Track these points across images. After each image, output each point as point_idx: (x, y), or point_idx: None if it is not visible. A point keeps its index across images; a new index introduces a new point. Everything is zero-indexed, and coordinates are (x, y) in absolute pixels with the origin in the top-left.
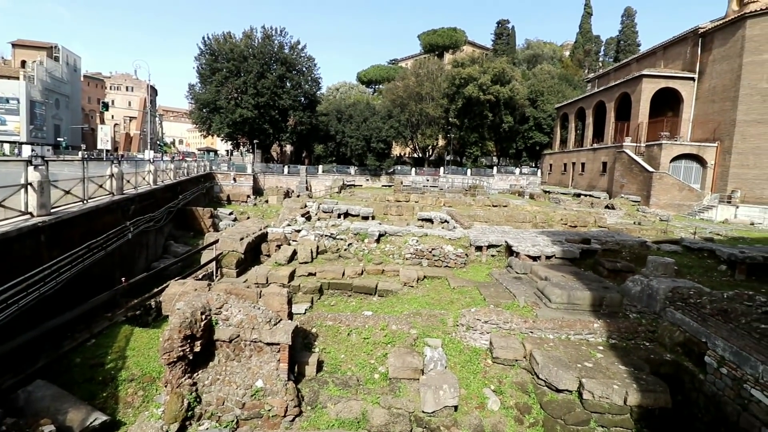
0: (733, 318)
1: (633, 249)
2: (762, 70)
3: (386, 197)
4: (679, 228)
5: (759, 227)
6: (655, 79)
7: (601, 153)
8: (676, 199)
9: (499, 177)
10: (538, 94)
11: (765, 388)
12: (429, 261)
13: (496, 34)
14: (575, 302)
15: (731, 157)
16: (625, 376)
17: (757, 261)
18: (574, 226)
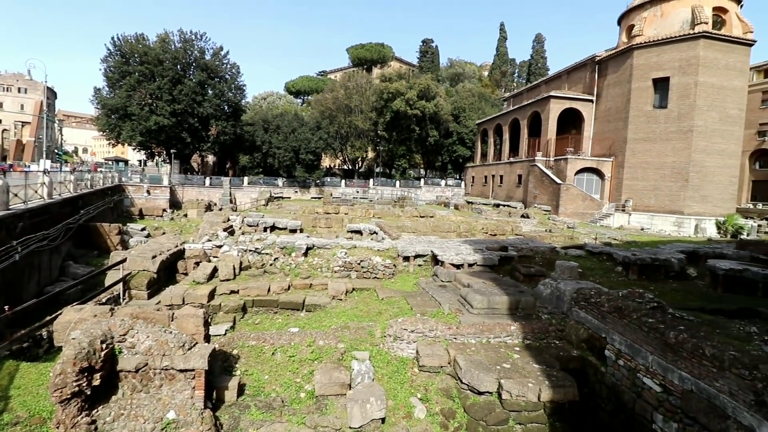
0: (626, 314)
1: (545, 254)
2: (646, 95)
3: (315, 209)
4: (583, 234)
5: (647, 232)
6: (561, 100)
7: (516, 166)
8: (580, 208)
9: (426, 188)
10: (460, 110)
11: (654, 376)
12: (358, 273)
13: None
14: (495, 307)
15: (624, 170)
16: (538, 374)
17: (646, 262)
18: (494, 235)
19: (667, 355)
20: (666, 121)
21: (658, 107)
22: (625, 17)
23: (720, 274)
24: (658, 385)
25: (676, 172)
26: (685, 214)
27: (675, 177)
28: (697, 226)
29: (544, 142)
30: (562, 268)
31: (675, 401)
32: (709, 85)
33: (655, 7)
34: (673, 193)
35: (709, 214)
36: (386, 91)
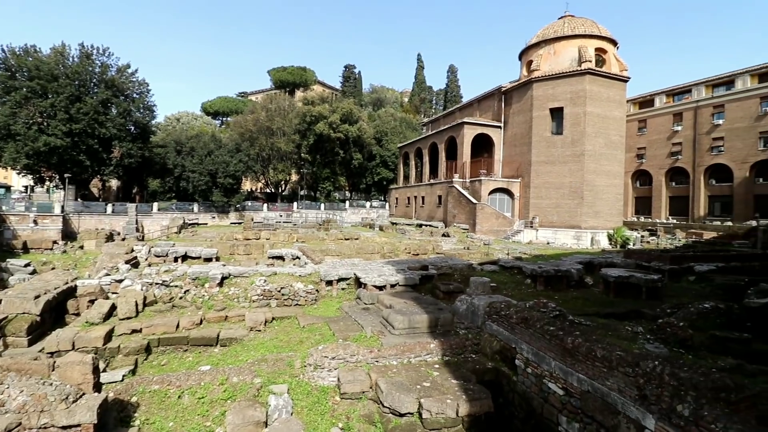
0: (531, 324)
1: (463, 271)
2: (545, 123)
3: (234, 236)
4: (497, 250)
5: (552, 245)
6: (474, 126)
7: (436, 187)
8: (494, 225)
9: (351, 211)
10: (383, 134)
11: (557, 380)
12: (278, 301)
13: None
14: (415, 326)
15: (530, 190)
16: (456, 389)
17: (551, 274)
18: (417, 254)
19: (567, 360)
20: (563, 146)
21: (555, 134)
22: (525, 53)
23: (611, 281)
24: (561, 389)
25: (573, 191)
26: (583, 228)
27: (572, 195)
28: (593, 239)
29: (461, 164)
30: (476, 284)
31: (575, 402)
32: (595, 114)
33: (549, 46)
34: (572, 210)
35: (602, 228)
36: (309, 114)
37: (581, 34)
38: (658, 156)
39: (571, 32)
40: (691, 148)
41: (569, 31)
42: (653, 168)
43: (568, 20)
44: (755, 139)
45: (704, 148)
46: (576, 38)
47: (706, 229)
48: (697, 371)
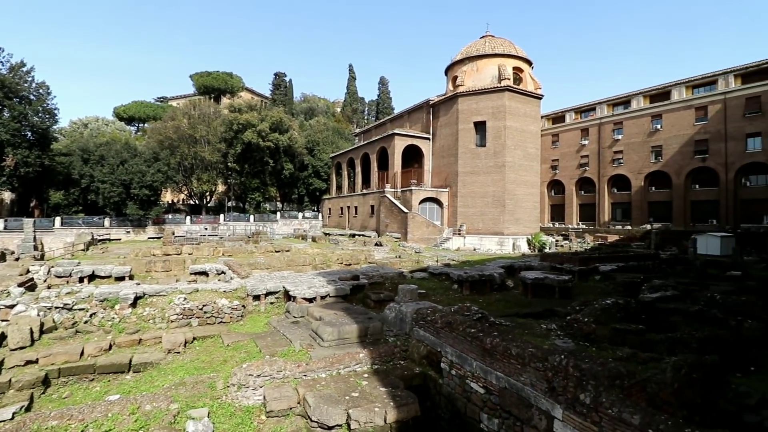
0: (455, 327)
1: (394, 280)
2: (470, 135)
3: (152, 251)
4: (428, 257)
5: (479, 251)
6: (404, 138)
7: (369, 197)
8: (425, 234)
9: (283, 222)
10: (315, 143)
11: (478, 380)
12: (200, 319)
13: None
14: (345, 337)
15: (458, 199)
16: (384, 397)
17: (475, 278)
18: (349, 264)
19: (486, 359)
20: (486, 157)
21: (479, 146)
22: (451, 69)
23: (529, 283)
24: (482, 387)
25: (496, 200)
26: (505, 235)
27: (495, 204)
28: (514, 244)
29: (392, 174)
30: (404, 292)
31: (495, 399)
32: (514, 128)
33: (472, 63)
34: (495, 217)
35: (522, 234)
36: (236, 121)
37: (500, 53)
38: (569, 167)
39: (492, 51)
40: (596, 160)
41: (490, 50)
42: (565, 178)
43: (488, 40)
44: (648, 153)
45: (607, 160)
46: (496, 57)
47: (610, 233)
48: (597, 362)
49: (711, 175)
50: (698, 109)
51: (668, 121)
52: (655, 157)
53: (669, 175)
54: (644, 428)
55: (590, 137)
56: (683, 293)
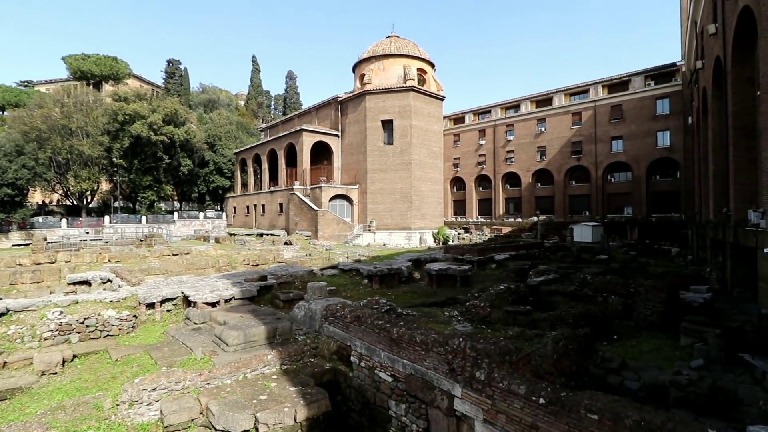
0: (363, 321)
1: (304, 278)
2: (378, 133)
3: (18, 260)
4: (339, 254)
5: (388, 246)
6: (312, 134)
7: (277, 195)
8: (336, 231)
9: (181, 223)
10: (216, 138)
11: (386, 369)
12: (82, 334)
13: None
14: (252, 339)
15: (367, 196)
16: (294, 396)
17: (384, 273)
18: (257, 265)
19: (393, 349)
20: (393, 155)
21: (387, 143)
22: (358, 66)
23: (433, 274)
24: (390, 376)
25: (403, 196)
26: (412, 229)
27: (403, 200)
28: (421, 238)
29: (301, 171)
30: (313, 289)
31: (402, 386)
32: (419, 127)
33: (379, 62)
34: (403, 213)
35: (428, 228)
36: (122, 112)
37: (405, 54)
38: (469, 165)
39: (397, 51)
40: (492, 158)
41: (395, 50)
42: (466, 175)
43: (394, 40)
44: (535, 152)
45: (501, 159)
46: (401, 57)
47: (505, 225)
48: (490, 342)
49: (584, 172)
50: (574, 114)
51: (551, 125)
52: (541, 157)
53: (551, 173)
54: (529, 396)
55: (487, 137)
56: (562, 276)
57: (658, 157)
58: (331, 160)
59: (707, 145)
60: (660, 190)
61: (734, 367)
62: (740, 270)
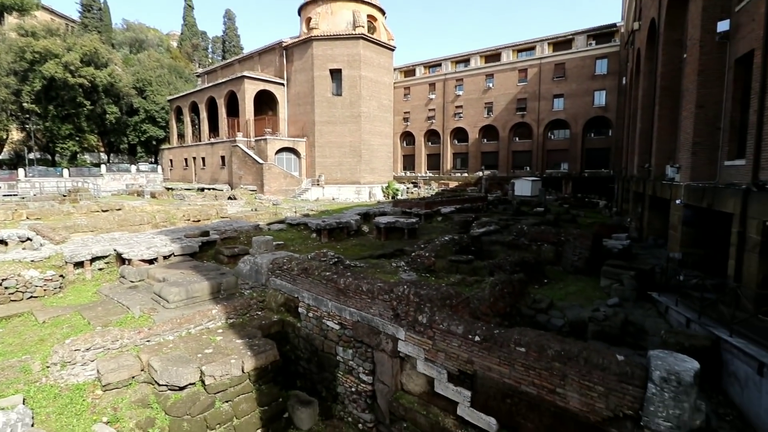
0: (311, 273)
1: (249, 233)
2: (326, 83)
3: None
4: (286, 209)
5: (337, 201)
6: (255, 81)
7: (218, 147)
8: (283, 185)
9: (111, 176)
10: (146, 83)
11: (334, 318)
12: (1, 297)
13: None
14: (194, 295)
15: (315, 149)
16: (241, 348)
17: (333, 226)
18: (198, 221)
19: (341, 298)
20: (342, 107)
21: (336, 94)
22: (304, 9)
23: (382, 227)
24: (337, 324)
25: (352, 150)
26: (362, 184)
27: (352, 154)
28: (370, 192)
29: (244, 122)
30: (258, 243)
31: (349, 333)
32: (369, 78)
33: (327, 5)
34: (353, 167)
35: (377, 182)
36: (30, 49)
37: None
38: (418, 120)
39: None
40: (441, 113)
41: None
42: (416, 130)
43: None
44: (482, 108)
45: (450, 114)
46: (351, 1)
47: (452, 180)
48: (433, 288)
49: (527, 129)
50: (521, 71)
51: (498, 81)
52: (488, 113)
53: (497, 129)
54: (466, 335)
55: (437, 92)
56: (502, 227)
57: (594, 116)
58: (277, 111)
59: (637, 105)
60: (593, 147)
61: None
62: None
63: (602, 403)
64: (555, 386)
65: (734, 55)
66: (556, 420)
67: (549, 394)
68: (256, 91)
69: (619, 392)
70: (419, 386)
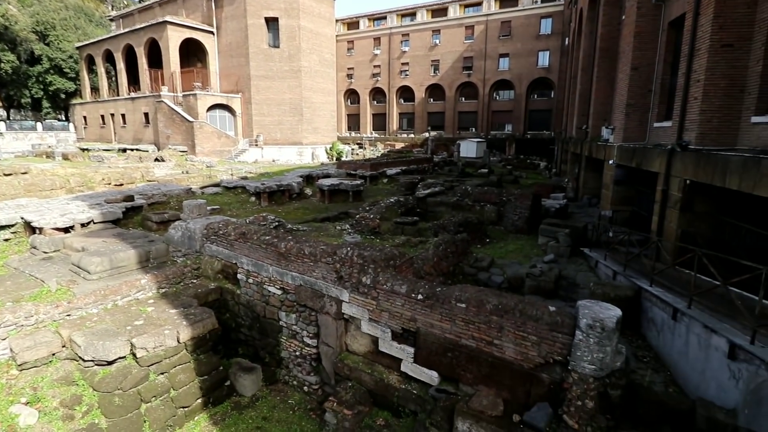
0: (249, 237)
1: (180, 197)
2: (261, 33)
3: None
4: (222, 171)
5: (278, 162)
6: (180, 28)
7: (140, 103)
8: (217, 146)
9: (12, 136)
10: (48, 26)
11: (275, 283)
12: None
13: None
14: (120, 265)
15: (252, 106)
16: (176, 318)
17: (273, 189)
18: (121, 185)
19: (282, 263)
20: (281, 60)
21: (273, 46)
22: None
23: (325, 189)
24: (279, 289)
25: (293, 108)
26: (304, 144)
27: (293, 112)
28: (313, 154)
29: (168, 75)
30: (190, 208)
31: (291, 297)
32: (309, 30)
33: None
34: (294, 127)
35: (321, 143)
36: None
37: None
38: (363, 77)
39: None
40: (387, 71)
41: None
42: (360, 88)
43: None
44: (429, 66)
45: (396, 71)
46: None
47: (398, 141)
48: (376, 249)
49: (473, 89)
50: (467, 28)
51: (445, 37)
52: (434, 71)
53: (444, 88)
54: (409, 294)
55: (382, 47)
56: (447, 189)
57: (538, 77)
58: (206, 63)
59: (577, 66)
60: (537, 109)
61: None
62: (591, 180)
63: (535, 351)
64: (493, 338)
65: (668, 18)
66: (493, 369)
67: (487, 345)
68: (181, 40)
69: (550, 340)
70: (364, 346)
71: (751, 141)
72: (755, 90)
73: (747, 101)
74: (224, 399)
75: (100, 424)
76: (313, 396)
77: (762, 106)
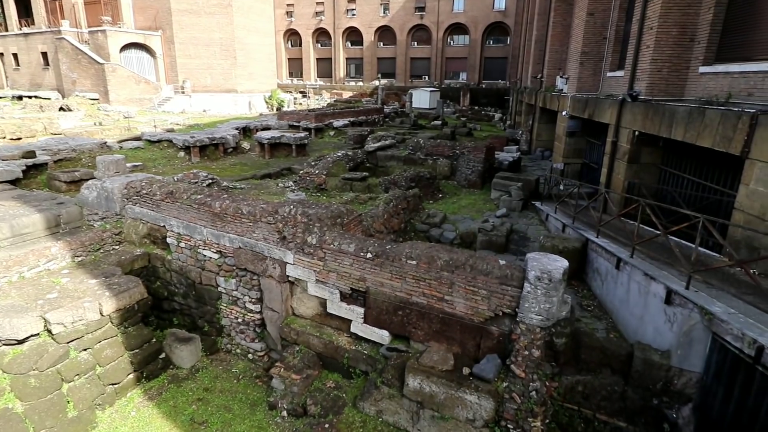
0: (178, 197)
1: (93, 153)
2: None
3: None
4: (143, 123)
5: (209, 113)
6: None
7: (36, 40)
8: (135, 93)
9: None
10: None
11: (211, 246)
12: None
13: None
14: (24, 232)
15: (175, 47)
16: (96, 288)
17: (205, 143)
18: (18, 138)
19: (217, 224)
20: None
21: None
22: None
23: (265, 143)
24: (216, 253)
25: (224, 50)
26: (239, 92)
27: (225, 54)
28: (250, 103)
29: (69, 6)
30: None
31: (230, 261)
32: None
33: None
34: (226, 72)
35: (258, 91)
36: None
37: None
38: (305, 15)
39: None
40: (332, 9)
41: None
42: (302, 28)
43: None
44: (378, 5)
45: (342, 10)
46: None
47: (345, 90)
48: (322, 206)
49: (427, 33)
50: None
51: None
52: (384, 11)
53: (394, 31)
54: (358, 253)
55: None
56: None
57: (494, 21)
58: None
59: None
60: (492, 57)
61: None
62: (544, 132)
63: (485, 305)
64: (443, 294)
65: None
66: (444, 325)
67: (438, 302)
68: None
69: (500, 293)
70: (311, 309)
71: (698, 92)
72: (704, 39)
73: (696, 50)
74: (160, 372)
75: (15, 409)
76: (259, 363)
77: (710, 56)
